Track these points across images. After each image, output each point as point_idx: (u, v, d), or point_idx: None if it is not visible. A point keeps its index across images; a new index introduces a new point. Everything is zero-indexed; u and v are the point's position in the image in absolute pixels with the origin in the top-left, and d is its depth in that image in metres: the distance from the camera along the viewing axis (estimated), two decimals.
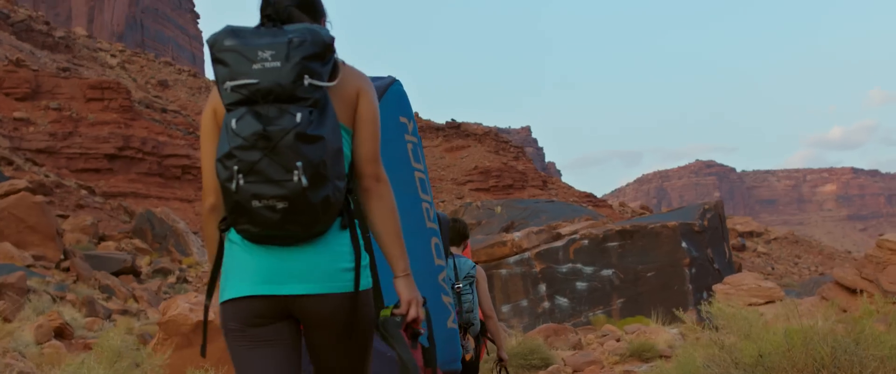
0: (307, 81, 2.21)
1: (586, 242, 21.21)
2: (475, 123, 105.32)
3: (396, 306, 2.44)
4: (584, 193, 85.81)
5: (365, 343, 2.44)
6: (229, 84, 2.23)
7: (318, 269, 2.31)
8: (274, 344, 2.37)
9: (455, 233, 5.14)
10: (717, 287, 14.17)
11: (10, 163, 44.76)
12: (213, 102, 2.43)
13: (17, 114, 59.10)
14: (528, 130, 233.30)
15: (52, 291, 16.07)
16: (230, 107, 2.25)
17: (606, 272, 20.75)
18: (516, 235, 22.41)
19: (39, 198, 24.47)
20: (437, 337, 3.50)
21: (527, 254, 21.42)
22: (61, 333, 11.12)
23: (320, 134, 2.21)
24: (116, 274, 23.91)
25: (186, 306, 8.46)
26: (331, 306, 2.32)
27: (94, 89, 64.82)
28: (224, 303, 2.37)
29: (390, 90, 3.60)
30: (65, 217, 34.80)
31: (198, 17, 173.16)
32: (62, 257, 22.96)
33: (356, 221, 2.40)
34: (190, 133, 72.45)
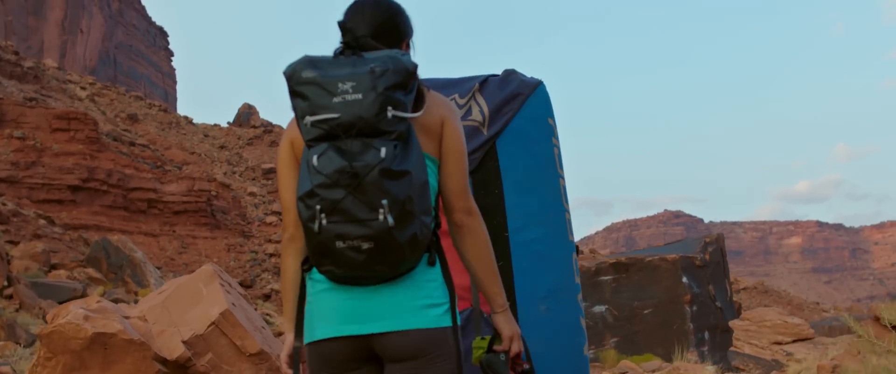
0: (391, 113, 2.14)
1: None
2: None
3: (494, 340, 2.42)
4: None
5: None
6: (310, 119, 2.17)
7: (402, 306, 2.26)
8: None
9: None
10: (734, 324, 12.71)
11: None
12: (291, 134, 2.40)
13: None
14: None
15: None
16: (311, 143, 2.18)
17: (599, 309, 19.22)
18: None
19: None
20: (568, 365, 3.12)
21: None
22: None
23: (406, 169, 2.15)
24: (64, 303, 21.99)
25: (80, 312, 5.65)
26: (414, 344, 2.26)
27: (61, 119, 63.49)
28: (309, 345, 2.33)
29: (538, 90, 3.30)
30: (16, 244, 32.96)
31: (172, 54, 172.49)
32: (6, 283, 21.13)
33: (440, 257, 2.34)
34: (157, 167, 71.28)
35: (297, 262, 2.42)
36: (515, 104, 3.17)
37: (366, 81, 2.14)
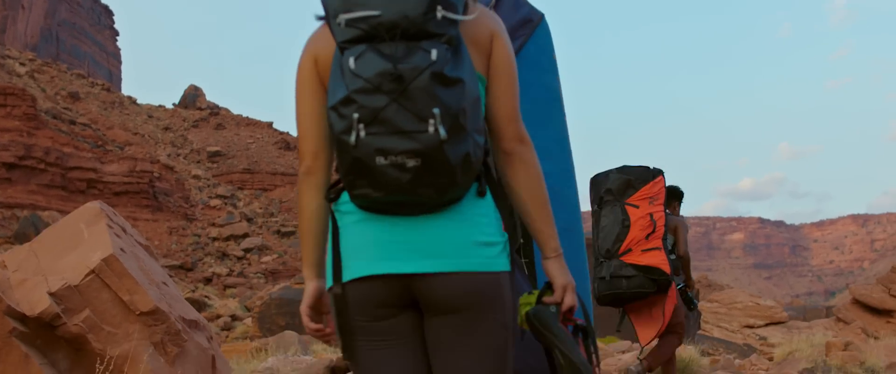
0: (441, 12, 1.89)
1: None
2: None
3: (543, 292, 2.10)
4: None
5: (503, 344, 2.03)
6: (344, 17, 1.90)
7: (451, 242, 1.96)
8: (404, 343, 2.05)
9: None
10: (703, 306, 11.93)
11: None
12: (314, 48, 2.08)
13: None
14: None
15: None
16: (345, 44, 1.90)
17: None
18: None
19: None
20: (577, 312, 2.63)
21: None
22: None
23: (460, 76, 1.88)
24: None
25: None
26: (462, 291, 1.96)
27: None
28: (344, 285, 2.01)
29: (544, 22, 3.08)
30: None
31: (117, 34, 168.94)
32: None
33: (496, 188, 2.07)
34: (98, 146, 69.45)
35: (318, 197, 2.09)
36: (527, 29, 3.01)
37: None
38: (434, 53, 1.85)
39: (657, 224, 5.27)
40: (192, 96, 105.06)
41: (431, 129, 1.83)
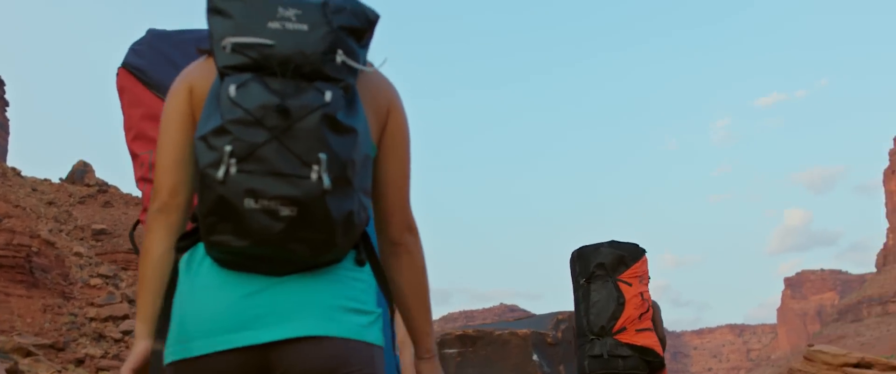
0: (341, 57, 1.67)
1: None
2: None
3: None
4: None
5: None
6: (230, 41, 1.66)
7: (318, 303, 1.69)
8: None
9: None
10: None
11: None
12: (190, 78, 1.81)
13: None
14: None
15: None
16: (227, 70, 1.65)
17: None
18: None
19: None
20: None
21: None
22: None
23: (354, 126, 1.65)
24: None
25: None
26: (328, 358, 1.67)
27: None
28: (177, 363, 1.68)
29: None
30: None
31: (7, 104, 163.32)
32: None
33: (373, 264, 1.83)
34: None
35: (168, 240, 1.78)
36: None
37: (316, 13, 1.67)
38: (328, 95, 1.64)
39: (647, 304, 5.14)
40: (81, 172, 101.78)
41: (314, 176, 1.59)
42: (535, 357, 18.22)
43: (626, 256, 5.13)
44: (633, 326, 5.01)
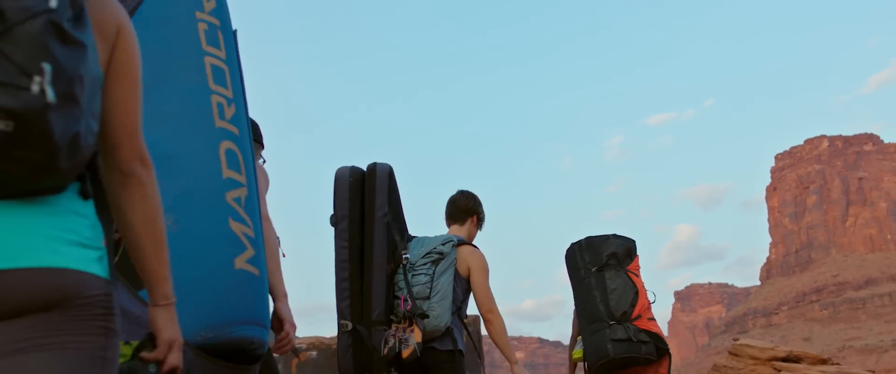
0: None
1: (315, 353, 17.38)
2: None
3: (143, 345, 1.73)
4: None
5: (96, 366, 1.56)
6: None
7: (34, 233, 1.52)
8: None
9: (451, 206, 4.99)
10: None
11: None
12: None
13: None
14: None
15: None
16: None
17: None
18: None
19: None
20: (215, 285, 2.49)
21: None
22: None
23: (83, 40, 1.51)
24: None
25: None
26: (50, 287, 1.51)
27: None
28: None
29: None
30: None
31: None
32: None
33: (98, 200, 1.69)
34: None
35: None
36: None
37: None
38: (54, 2, 1.45)
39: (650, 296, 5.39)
40: None
41: (36, 87, 1.41)
42: None
43: (632, 248, 5.37)
44: (646, 314, 5.20)
